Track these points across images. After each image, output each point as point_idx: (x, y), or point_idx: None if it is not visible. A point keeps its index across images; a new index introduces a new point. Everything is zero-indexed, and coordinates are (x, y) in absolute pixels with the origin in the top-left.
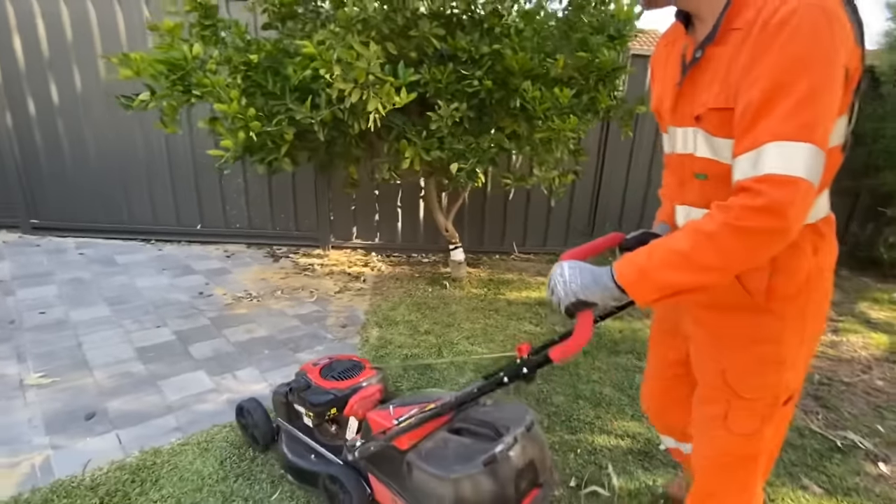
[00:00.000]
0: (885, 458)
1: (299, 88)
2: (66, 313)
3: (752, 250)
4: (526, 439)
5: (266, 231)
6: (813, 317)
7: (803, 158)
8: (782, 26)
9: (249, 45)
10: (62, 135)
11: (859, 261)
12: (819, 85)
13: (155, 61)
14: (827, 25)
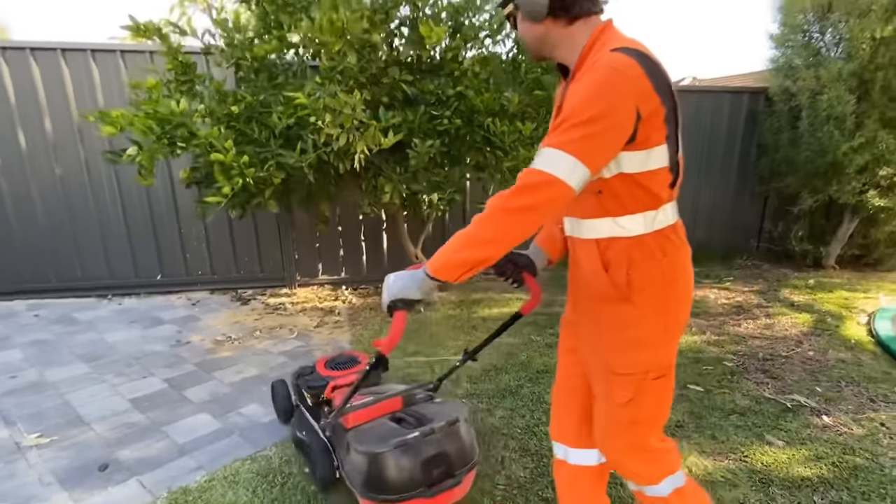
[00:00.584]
0: (826, 412)
1: (282, 135)
2: (41, 374)
3: (514, 224)
4: (444, 433)
5: (230, 275)
6: (674, 307)
7: (563, 165)
8: (590, 74)
9: (227, 97)
10: (5, 194)
11: (776, 254)
12: (596, 119)
13: (144, 117)
14: (615, 82)
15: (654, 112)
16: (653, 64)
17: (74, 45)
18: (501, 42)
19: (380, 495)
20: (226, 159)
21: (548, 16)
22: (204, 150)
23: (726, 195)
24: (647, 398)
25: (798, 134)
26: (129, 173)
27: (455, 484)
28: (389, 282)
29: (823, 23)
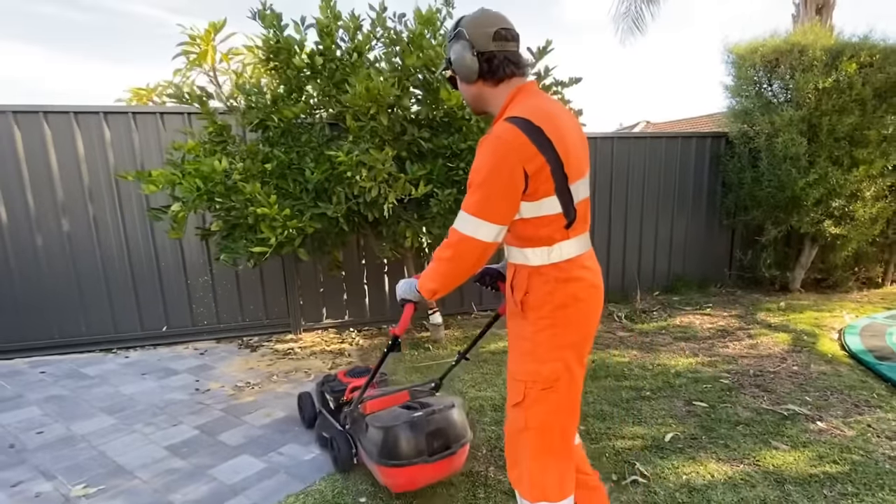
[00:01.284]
0: (820, 418)
1: (315, 189)
2: (68, 428)
3: (448, 270)
4: (442, 414)
5: (236, 324)
6: (563, 328)
7: (470, 224)
8: (483, 143)
9: (257, 154)
10: (10, 252)
11: (746, 281)
12: (487, 182)
13: (191, 176)
14: (501, 150)
15: (539, 169)
16: (536, 129)
17: (87, 108)
18: None
19: (391, 461)
20: (271, 213)
21: (478, 78)
22: (243, 204)
23: (698, 229)
24: (535, 406)
25: (759, 172)
26: (135, 229)
27: (451, 454)
28: (399, 285)
29: (771, 75)
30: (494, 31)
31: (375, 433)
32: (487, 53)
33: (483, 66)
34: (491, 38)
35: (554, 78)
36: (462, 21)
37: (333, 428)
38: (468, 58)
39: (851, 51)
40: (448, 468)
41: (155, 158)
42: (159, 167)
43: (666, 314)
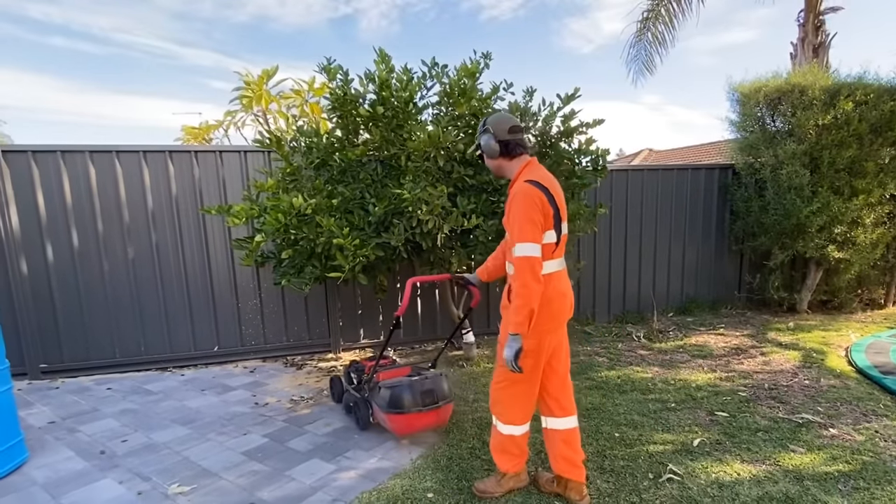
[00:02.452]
0: (831, 426)
1: (377, 222)
2: (148, 437)
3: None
4: (430, 380)
5: (281, 343)
6: (540, 318)
7: (522, 248)
8: (517, 197)
9: (321, 191)
10: (79, 277)
11: (756, 303)
12: (525, 218)
13: (274, 211)
14: (527, 198)
15: (548, 214)
16: (546, 189)
17: (154, 147)
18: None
19: (395, 410)
20: (346, 243)
21: (499, 156)
22: (316, 235)
23: (709, 254)
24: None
25: (766, 201)
26: (192, 256)
27: (438, 407)
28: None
29: (774, 112)
30: (509, 127)
31: (385, 391)
32: (505, 140)
33: (502, 148)
34: (507, 131)
35: (580, 120)
36: (488, 120)
37: (356, 397)
38: (492, 143)
39: (848, 90)
40: (436, 418)
41: (212, 191)
42: (216, 199)
43: (681, 334)
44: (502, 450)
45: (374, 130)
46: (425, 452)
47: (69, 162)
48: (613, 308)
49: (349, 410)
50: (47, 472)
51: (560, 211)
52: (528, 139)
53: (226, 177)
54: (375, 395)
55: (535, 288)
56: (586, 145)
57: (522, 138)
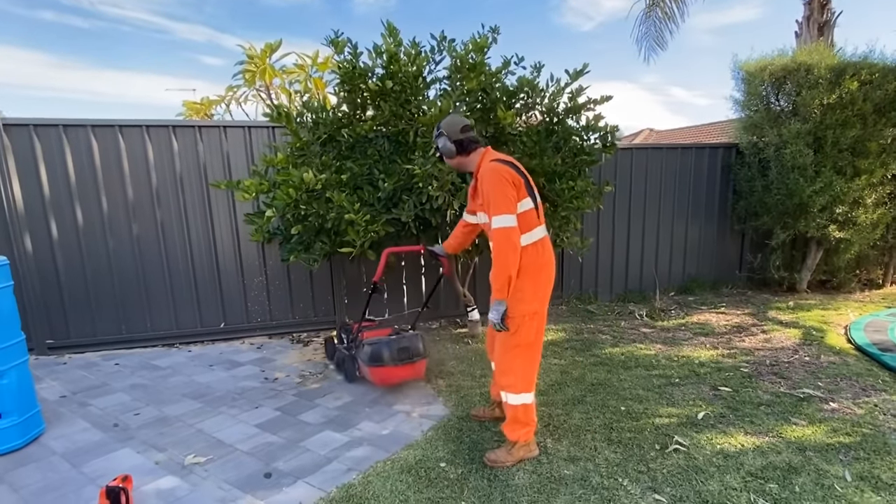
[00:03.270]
0: (832, 400)
1: (386, 198)
2: (160, 410)
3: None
4: (407, 339)
5: (286, 320)
6: (539, 284)
7: (499, 220)
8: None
9: (330, 167)
10: (85, 254)
11: (756, 282)
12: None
13: (286, 186)
14: (495, 174)
15: (519, 184)
16: (511, 163)
17: (157, 122)
18: (534, 116)
19: (376, 363)
20: (357, 219)
21: (457, 154)
22: (326, 210)
23: (711, 233)
24: (522, 329)
25: (769, 181)
26: (198, 233)
27: (412, 362)
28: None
29: (779, 91)
30: (461, 127)
31: (367, 348)
32: (459, 139)
33: (458, 147)
34: (459, 131)
35: (588, 96)
36: (441, 124)
37: (344, 354)
38: (448, 144)
39: (853, 69)
40: (412, 372)
41: (217, 167)
42: (221, 175)
43: (683, 312)
44: (514, 420)
45: (382, 105)
46: (436, 425)
47: (71, 136)
48: (616, 287)
49: (339, 366)
50: (65, 443)
51: (529, 180)
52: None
53: (230, 152)
54: (360, 351)
55: (513, 256)
56: (594, 121)
57: (474, 135)
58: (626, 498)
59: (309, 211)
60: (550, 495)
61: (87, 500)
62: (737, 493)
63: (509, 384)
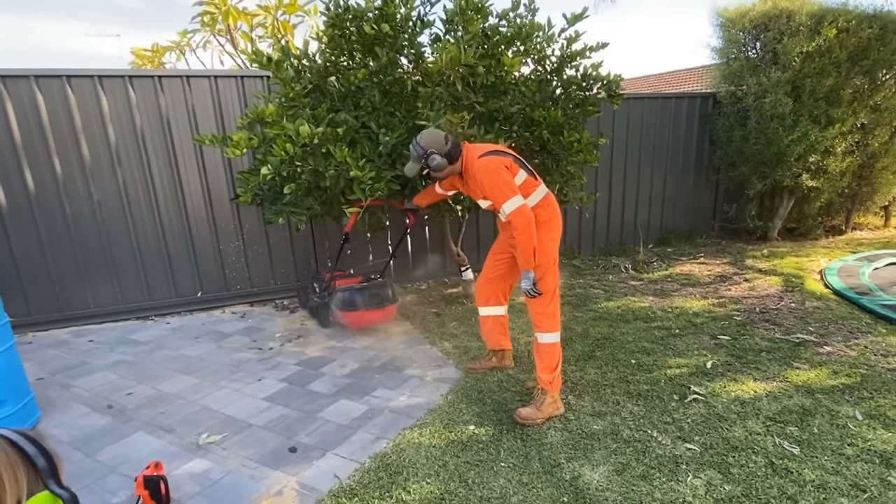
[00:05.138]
0: (825, 343)
1: (387, 153)
2: (154, 388)
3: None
4: (376, 286)
5: (267, 287)
6: (552, 235)
7: (511, 202)
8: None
9: (323, 119)
10: (39, 223)
11: (730, 232)
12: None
13: (282, 140)
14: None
15: (511, 164)
16: (495, 151)
17: (111, 72)
18: (528, 64)
19: (348, 308)
20: (362, 176)
21: (448, 165)
22: (324, 167)
23: (687, 184)
24: (546, 277)
25: (747, 131)
26: (165, 195)
27: (381, 307)
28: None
29: (760, 38)
30: (444, 138)
31: (340, 294)
32: (447, 151)
33: (449, 159)
34: (444, 143)
35: (584, 43)
36: (422, 143)
37: (318, 302)
38: (440, 160)
39: (832, 16)
40: (381, 316)
41: (181, 121)
42: (186, 130)
43: (665, 264)
44: (550, 362)
45: (378, 51)
46: (453, 388)
47: (11, 89)
48: (598, 241)
49: (313, 314)
50: (69, 430)
51: (515, 155)
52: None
53: (195, 105)
54: (333, 298)
55: (532, 231)
56: (593, 70)
57: (453, 139)
58: (660, 448)
59: (305, 168)
60: (587, 451)
61: (115, 490)
62: (762, 437)
63: (550, 326)
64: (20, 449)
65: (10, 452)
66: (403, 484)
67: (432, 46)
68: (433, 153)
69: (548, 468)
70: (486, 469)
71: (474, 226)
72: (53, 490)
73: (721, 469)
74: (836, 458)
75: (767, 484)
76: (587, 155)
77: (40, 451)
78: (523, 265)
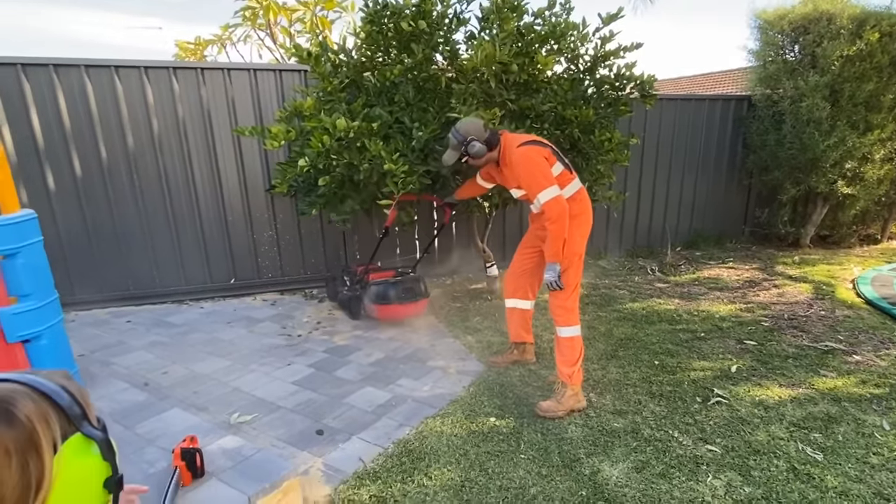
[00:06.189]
0: (855, 352)
1: (419, 148)
2: (189, 369)
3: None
4: (408, 280)
5: (297, 276)
6: (582, 229)
7: (547, 192)
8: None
9: (358, 114)
10: (84, 207)
11: (761, 237)
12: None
13: (319, 133)
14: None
15: (548, 155)
16: (537, 141)
17: (156, 63)
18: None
19: (382, 301)
20: (395, 169)
21: (487, 152)
22: (359, 160)
23: (717, 188)
24: (569, 270)
25: (782, 135)
26: (203, 184)
27: (414, 301)
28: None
29: (799, 42)
30: (483, 125)
31: (374, 287)
32: (487, 139)
33: (488, 146)
34: (484, 129)
35: (619, 43)
36: (462, 130)
37: (349, 295)
38: (479, 146)
39: (875, 20)
40: (413, 310)
41: (221, 112)
42: (226, 122)
43: (693, 268)
44: (571, 356)
45: (415, 48)
46: (476, 381)
47: (63, 77)
48: (625, 243)
49: (343, 306)
50: (109, 403)
51: (553, 148)
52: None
53: (235, 97)
54: (366, 292)
55: (565, 221)
56: (627, 70)
57: (493, 128)
58: (680, 448)
59: (340, 161)
60: (606, 447)
61: (152, 461)
62: (784, 442)
63: (569, 321)
64: (48, 395)
65: (40, 400)
66: (425, 470)
67: (467, 44)
68: (473, 140)
69: (567, 462)
70: (505, 460)
71: (501, 223)
72: (86, 431)
73: (742, 471)
74: (861, 466)
75: (788, 488)
76: (618, 154)
77: (68, 394)
78: (550, 257)
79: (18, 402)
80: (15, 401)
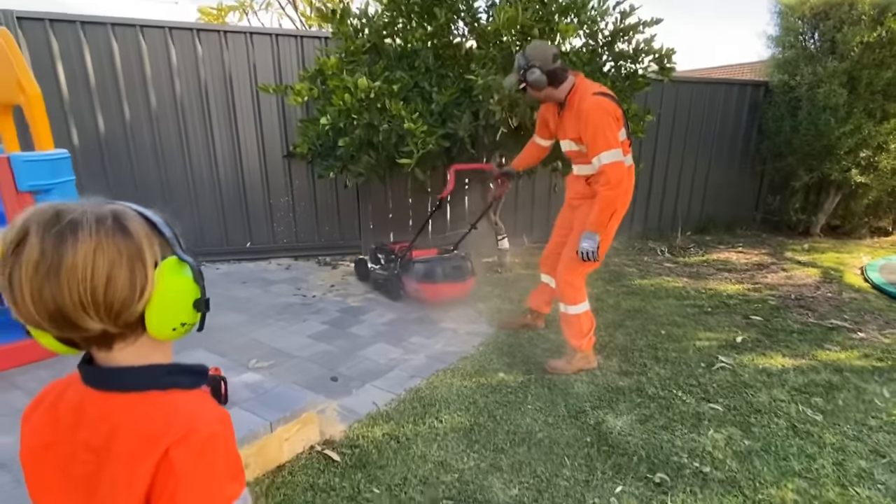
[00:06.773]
0: (860, 330)
1: (438, 111)
2: (209, 321)
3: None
4: (455, 259)
5: (311, 243)
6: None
7: (609, 155)
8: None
9: (380, 76)
10: (106, 163)
11: (772, 225)
12: (605, 129)
13: (342, 91)
14: (601, 109)
15: (620, 116)
16: (612, 96)
17: (180, 24)
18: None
19: (429, 280)
20: (414, 129)
21: (548, 85)
22: (379, 120)
23: (730, 174)
24: (605, 244)
25: (798, 121)
26: (223, 147)
27: (461, 281)
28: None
29: (819, 27)
30: (552, 55)
31: (420, 266)
32: (552, 69)
33: (550, 78)
34: (552, 60)
35: (638, 17)
36: (528, 55)
37: (384, 275)
38: (541, 76)
39: None
40: (459, 290)
41: (242, 76)
42: (246, 86)
43: (702, 250)
44: (578, 329)
45: (437, 13)
46: (485, 341)
47: (90, 34)
48: (635, 224)
49: (377, 287)
50: None
51: (625, 114)
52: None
53: (256, 62)
54: (408, 271)
55: (620, 189)
56: (646, 44)
57: (564, 64)
58: (683, 406)
59: (360, 121)
60: (612, 402)
61: None
62: (785, 403)
63: (571, 299)
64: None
65: (142, 223)
66: (436, 414)
67: (487, 13)
68: (534, 66)
69: (573, 413)
70: (513, 409)
71: (513, 196)
72: (180, 255)
73: (742, 427)
74: (859, 427)
75: (787, 443)
76: (634, 125)
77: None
78: (594, 225)
79: (131, 219)
80: (129, 217)
